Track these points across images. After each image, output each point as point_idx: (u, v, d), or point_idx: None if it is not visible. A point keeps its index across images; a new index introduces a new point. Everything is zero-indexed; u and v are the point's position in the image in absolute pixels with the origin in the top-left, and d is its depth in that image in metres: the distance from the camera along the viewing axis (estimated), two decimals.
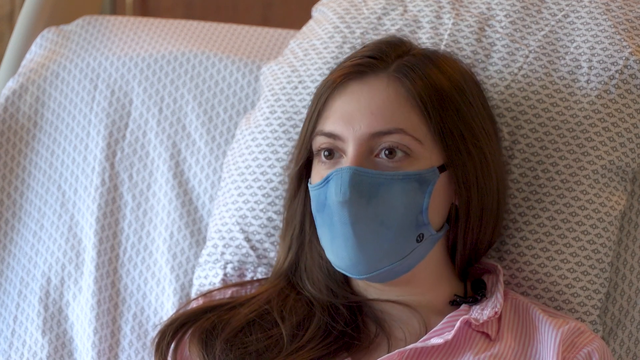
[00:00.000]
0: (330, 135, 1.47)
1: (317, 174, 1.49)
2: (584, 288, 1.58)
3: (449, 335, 1.43)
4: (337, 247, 1.46)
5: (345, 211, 1.43)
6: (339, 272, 1.53)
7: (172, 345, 1.51)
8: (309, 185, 1.51)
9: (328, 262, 1.52)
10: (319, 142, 1.49)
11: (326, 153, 1.48)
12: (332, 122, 1.48)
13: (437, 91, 1.47)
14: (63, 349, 1.76)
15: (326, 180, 1.46)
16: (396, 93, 1.46)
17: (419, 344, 1.43)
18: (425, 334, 1.46)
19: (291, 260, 1.56)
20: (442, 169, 1.46)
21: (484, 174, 1.49)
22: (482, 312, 1.48)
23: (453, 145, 1.47)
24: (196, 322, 1.51)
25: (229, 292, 1.60)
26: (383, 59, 1.49)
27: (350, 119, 1.46)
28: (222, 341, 1.46)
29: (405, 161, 1.45)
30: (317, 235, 1.53)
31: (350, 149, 1.45)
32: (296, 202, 1.56)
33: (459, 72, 1.52)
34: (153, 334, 1.72)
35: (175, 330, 1.51)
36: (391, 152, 1.45)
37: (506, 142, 1.62)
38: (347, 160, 1.45)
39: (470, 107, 1.49)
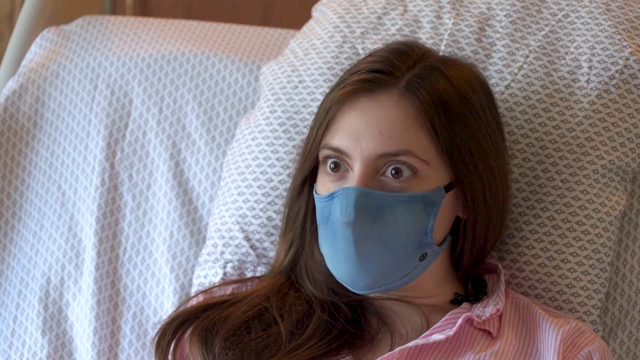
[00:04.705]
0: (337, 150, 1.46)
1: (322, 184, 1.48)
2: (585, 288, 1.58)
3: (450, 332, 1.43)
4: (338, 262, 1.46)
5: (349, 231, 1.42)
6: None
7: (173, 344, 1.51)
8: (314, 193, 1.50)
9: None
10: (325, 153, 1.48)
11: (332, 165, 1.47)
12: (339, 138, 1.46)
13: (445, 107, 1.45)
14: (63, 349, 1.76)
15: (331, 196, 1.45)
16: (405, 112, 1.44)
17: (420, 341, 1.43)
18: (427, 330, 1.46)
19: (291, 259, 1.56)
20: (449, 187, 1.46)
21: (491, 190, 1.49)
22: (484, 310, 1.48)
23: (461, 164, 1.46)
24: (196, 320, 1.51)
25: (229, 289, 1.60)
26: (393, 74, 1.46)
27: (358, 137, 1.44)
28: (221, 339, 1.46)
29: (412, 181, 1.44)
30: (317, 238, 1.53)
31: (356, 167, 1.44)
32: (299, 202, 1.56)
33: (467, 82, 1.49)
34: (152, 333, 1.73)
35: (175, 328, 1.51)
36: (397, 172, 1.43)
37: (506, 142, 1.62)
38: (353, 178, 1.44)
39: (478, 119, 1.47)
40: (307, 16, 1.89)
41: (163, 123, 1.85)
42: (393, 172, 1.43)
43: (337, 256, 1.45)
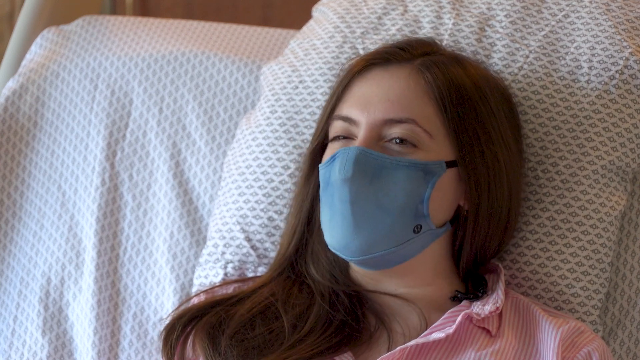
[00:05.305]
0: (346, 119, 1.50)
1: (328, 154, 1.51)
2: (584, 288, 1.58)
3: (450, 330, 1.43)
4: (334, 226, 1.47)
5: (346, 189, 1.44)
6: (342, 261, 1.54)
7: (181, 339, 1.51)
8: (319, 166, 1.52)
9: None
10: (335, 127, 1.51)
11: (341, 138, 1.50)
12: (349, 106, 1.50)
13: (457, 89, 1.49)
14: (63, 348, 1.76)
15: (333, 158, 1.48)
16: (416, 84, 1.49)
17: (420, 340, 1.43)
18: (426, 329, 1.47)
19: (296, 245, 1.56)
20: (451, 164, 1.47)
21: (496, 179, 1.50)
22: (483, 308, 1.48)
23: (466, 144, 1.48)
24: (204, 316, 1.51)
25: (230, 288, 1.60)
26: (410, 51, 1.52)
27: (367, 104, 1.48)
28: (226, 337, 1.46)
29: (413, 150, 1.46)
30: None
31: (361, 132, 1.47)
32: (307, 186, 1.57)
33: (484, 78, 1.54)
34: (153, 333, 1.73)
35: (184, 324, 1.51)
36: (402, 141, 1.46)
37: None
38: (357, 142, 1.47)
39: (490, 112, 1.50)
40: (307, 16, 1.89)
41: (163, 123, 1.85)
42: (397, 140, 1.47)
43: (333, 220, 1.46)
